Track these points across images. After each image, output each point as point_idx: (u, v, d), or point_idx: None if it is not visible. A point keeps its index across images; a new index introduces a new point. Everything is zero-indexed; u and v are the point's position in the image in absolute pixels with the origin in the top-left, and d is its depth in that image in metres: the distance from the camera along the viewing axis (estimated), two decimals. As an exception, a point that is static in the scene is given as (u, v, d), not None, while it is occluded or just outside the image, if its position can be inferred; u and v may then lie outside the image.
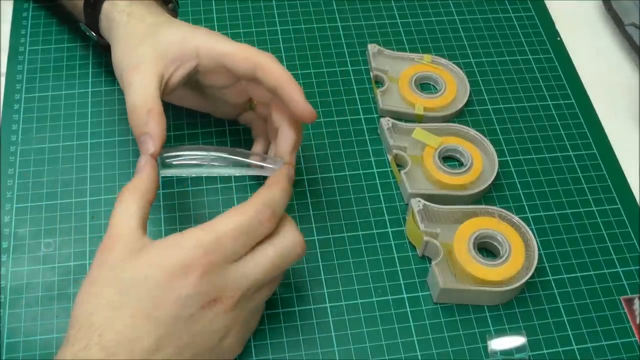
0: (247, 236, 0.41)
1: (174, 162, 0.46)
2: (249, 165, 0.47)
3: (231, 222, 0.40)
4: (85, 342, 0.37)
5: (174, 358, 0.39)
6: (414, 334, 0.48)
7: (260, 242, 0.42)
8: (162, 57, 0.47)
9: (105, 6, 0.51)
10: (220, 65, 0.48)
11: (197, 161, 0.46)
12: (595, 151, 0.58)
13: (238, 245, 0.40)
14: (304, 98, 0.46)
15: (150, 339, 0.38)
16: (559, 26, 0.67)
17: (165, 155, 0.46)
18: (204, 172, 0.48)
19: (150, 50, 0.47)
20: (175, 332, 0.39)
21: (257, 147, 0.53)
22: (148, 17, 0.50)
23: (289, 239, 0.42)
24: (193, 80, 0.50)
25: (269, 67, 0.46)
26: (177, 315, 0.38)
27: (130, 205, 0.41)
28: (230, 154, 0.47)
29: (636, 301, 0.50)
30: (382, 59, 0.62)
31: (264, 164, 0.47)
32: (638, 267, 0.52)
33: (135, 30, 0.49)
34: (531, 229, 0.52)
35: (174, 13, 0.56)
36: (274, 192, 0.43)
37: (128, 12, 0.50)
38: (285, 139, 0.48)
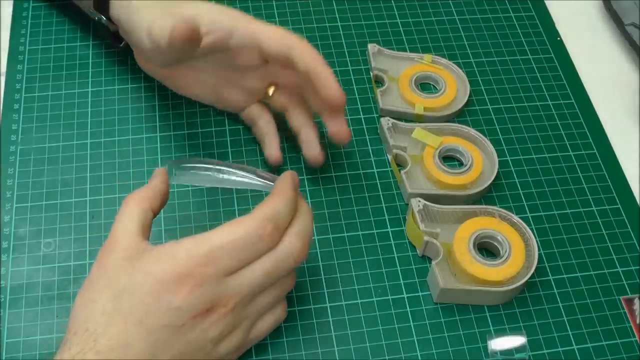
0: (243, 251, 0.40)
1: (179, 174, 0.46)
2: (256, 183, 0.46)
3: (228, 235, 0.40)
4: (81, 347, 0.38)
5: None
6: (414, 334, 0.48)
7: None
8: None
9: None
10: (253, 43, 0.47)
11: (205, 173, 0.46)
12: (595, 151, 0.58)
13: (234, 260, 0.40)
14: (337, 82, 0.46)
15: (143, 345, 0.38)
16: (559, 26, 0.67)
17: (175, 165, 0.46)
18: (210, 184, 0.48)
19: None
20: (168, 340, 0.39)
21: (269, 144, 0.53)
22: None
23: (286, 244, 0.41)
24: (218, 58, 0.50)
25: (303, 49, 0.46)
26: (169, 324, 0.38)
27: (132, 209, 0.42)
28: (239, 171, 0.47)
29: (636, 301, 0.50)
30: (382, 59, 0.62)
31: (271, 183, 0.46)
32: (638, 267, 0.52)
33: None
34: (531, 229, 0.52)
35: None
36: (279, 203, 0.41)
37: None
38: (332, 118, 0.49)
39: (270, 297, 0.43)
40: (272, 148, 0.54)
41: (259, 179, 0.46)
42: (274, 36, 0.47)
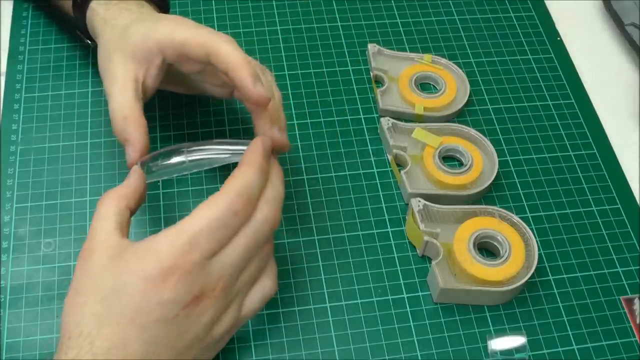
0: (221, 231, 0.40)
1: (154, 169, 0.46)
2: (230, 153, 0.46)
3: (204, 218, 0.39)
4: (77, 351, 0.38)
5: (166, 358, 0.39)
6: (414, 334, 0.48)
7: None
8: (131, 61, 0.47)
9: (88, 14, 0.52)
10: (182, 55, 0.46)
11: (177, 163, 0.46)
12: (595, 151, 0.59)
13: (213, 242, 0.39)
14: (254, 81, 0.43)
15: (138, 343, 0.38)
16: (559, 26, 0.67)
17: (148, 161, 0.46)
18: (187, 171, 0.47)
19: (120, 57, 0.47)
20: (162, 333, 0.39)
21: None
22: (120, 20, 0.49)
23: (259, 215, 0.41)
24: (173, 71, 0.50)
25: (220, 50, 0.44)
26: (161, 319, 0.38)
27: (108, 208, 0.42)
28: (208, 146, 0.46)
29: (636, 301, 0.50)
30: (382, 59, 0.62)
31: (244, 147, 0.44)
32: (638, 267, 0.52)
33: (109, 37, 0.49)
34: (531, 229, 0.52)
35: (161, 3, 0.55)
36: (248, 174, 0.41)
37: (104, 18, 0.50)
38: (259, 117, 0.46)
39: (253, 268, 0.43)
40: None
41: (234, 147, 0.45)
42: (193, 43, 0.45)
